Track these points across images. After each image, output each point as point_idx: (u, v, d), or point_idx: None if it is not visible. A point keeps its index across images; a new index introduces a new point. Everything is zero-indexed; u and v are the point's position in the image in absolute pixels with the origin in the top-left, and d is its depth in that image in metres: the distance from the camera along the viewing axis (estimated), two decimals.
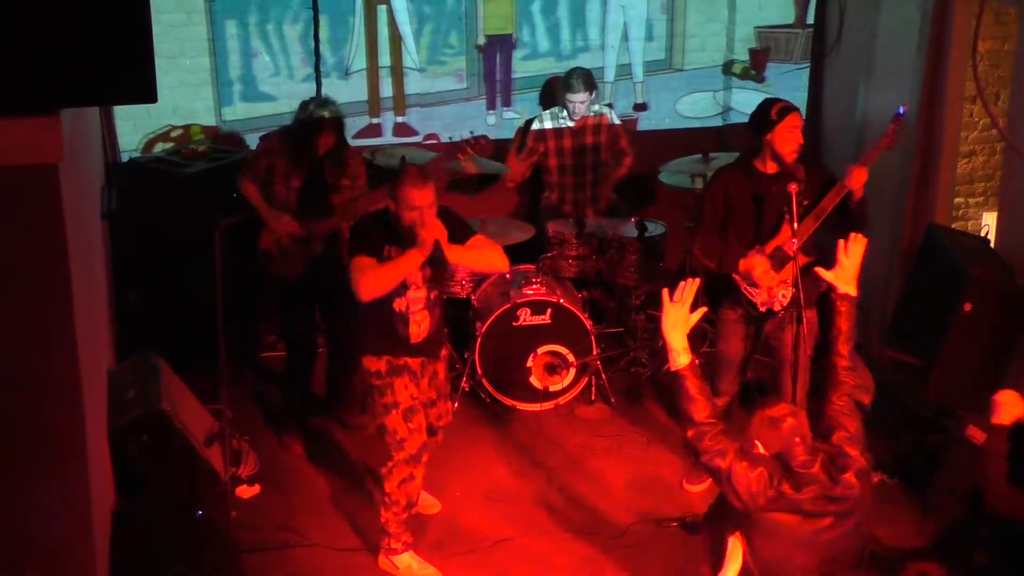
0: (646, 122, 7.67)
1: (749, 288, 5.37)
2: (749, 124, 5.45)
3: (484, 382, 6.44)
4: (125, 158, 6.85)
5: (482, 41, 7.37)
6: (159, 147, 6.95)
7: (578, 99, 6.87)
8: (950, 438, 5.48)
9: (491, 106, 7.48)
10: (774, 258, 5.31)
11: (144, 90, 3.09)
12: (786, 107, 5.31)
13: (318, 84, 6.86)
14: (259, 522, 5.41)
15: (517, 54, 7.42)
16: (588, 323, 6.40)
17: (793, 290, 5.18)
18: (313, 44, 6.85)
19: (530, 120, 7.15)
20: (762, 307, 5.38)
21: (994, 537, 4.75)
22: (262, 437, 6.11)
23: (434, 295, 5.03)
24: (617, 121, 7.10)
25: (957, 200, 6.75)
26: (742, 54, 7.70)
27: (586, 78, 6.90)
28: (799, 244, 5.05)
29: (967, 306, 5.42)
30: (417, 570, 5.12)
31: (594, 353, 6.45)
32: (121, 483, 4.85)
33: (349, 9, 7.09)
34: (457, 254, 4.88)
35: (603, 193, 7.10)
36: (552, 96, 7.24)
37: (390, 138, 7.33)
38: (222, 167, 6.49)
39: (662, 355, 5.21)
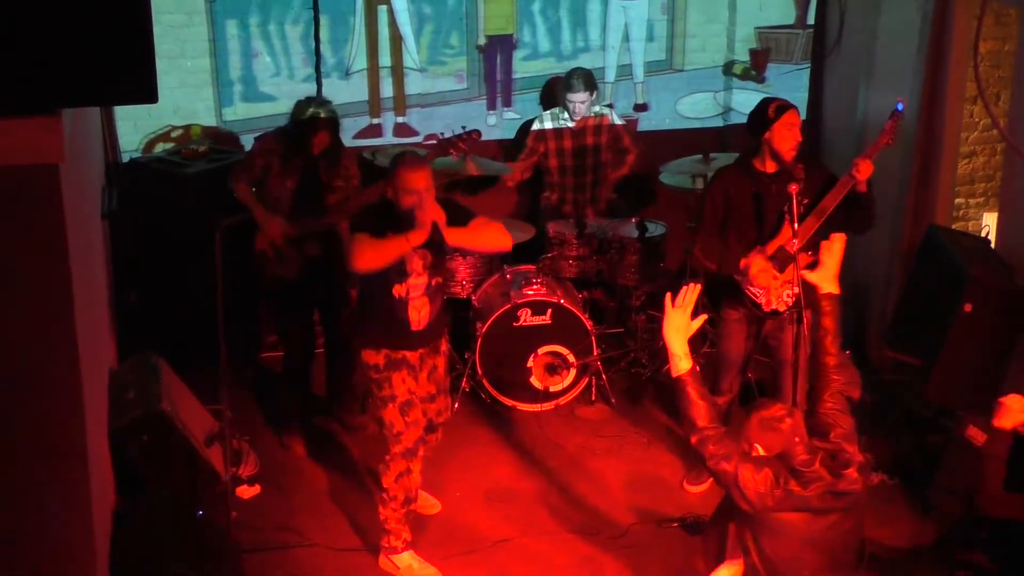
0: (647, 122, 7.66)
1: (751, 288, 5.37)
2: (747, 124, 5.45)
3: (484, 382, 6.44)
4: (126, 158, 6.85)
5: (483, 41, 7.36)
6: (160, 147, 6.95)
7: (579, 99, 6.86)
8: (950, 438, 5.48)
9: (491, 106, 7.48)
10: (776, 258, 5.31)
11: (145, 90, 3.08)
12: (783, 105, 5.31)
13: (319, 84, 6.86)
14: (259, 522, 5.42)
15: (518, 54, 7.42)
16: (588, 324, 6.40)
17: (798, 290, 5.19)
18: (314, 44, 6.84)
19: (529, 121, 7.15)
20: (766, 307, 5.38)
21: (994, 537, 4.75)
22: (262, 437, 6.12)
23: (435, 282, 5.03)
24: (618, 121, 7.09)
25: (957, 200, 6.75)
26: (743, 55, 7.69)
27: (587, 78, 6.90)
28: (800, 244, 5.05)
29: (967, 306, 5.42)
30: (417, 570, 5.12)
31: (594, 354, 6.44)
32: (121, 483, 4.85)
33: (350, 9, 7.09)
34: (456, 236, 4.91)
35: (602, 194, 7.10)
36: (553, 96, 7.23)
37: (390, 138, 7.33)
38: (222, 167, 6.48)
39: (662, 356, 5.21)
